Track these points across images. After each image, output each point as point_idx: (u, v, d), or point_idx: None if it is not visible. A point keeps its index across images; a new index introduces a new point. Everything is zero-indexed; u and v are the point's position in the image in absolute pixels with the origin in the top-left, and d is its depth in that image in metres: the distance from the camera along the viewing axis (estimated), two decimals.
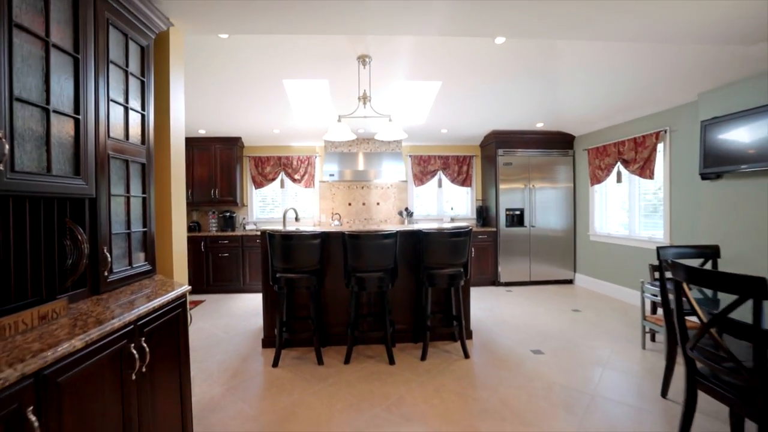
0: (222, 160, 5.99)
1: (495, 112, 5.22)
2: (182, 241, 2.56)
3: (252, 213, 6.43)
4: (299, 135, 5.94)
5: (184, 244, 2.58)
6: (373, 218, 6.50)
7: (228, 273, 5.75)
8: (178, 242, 2.49)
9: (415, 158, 6.49)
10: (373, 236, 3.06)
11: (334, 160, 5.96)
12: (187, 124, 5.35)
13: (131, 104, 2.01)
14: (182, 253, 2.55)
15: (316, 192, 6.46)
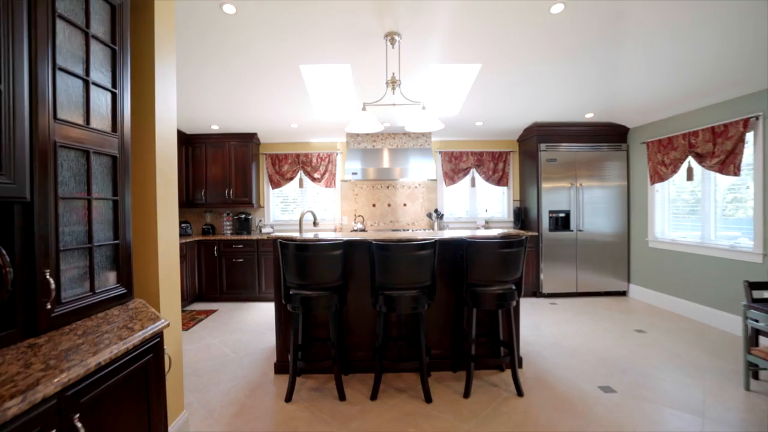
0: (237, 158, 5.56)
1: (538, 101, 4.57)
2: (172, 255, 2.07)
3: (269, 215, 5.99)
4: (319, 130, 5.45)
5: (174, 258, 2.09)
6: (400, 221, 5.95)
7: (242, 280, 5.32)
8: (166, 256, 2.00)
9: (446, 155, 5.89)
10: (407, 247, 2.50)
11: (357, 157, 5.44)
12: (199, 118, 4.93)
13: (95, 78, 1.52)
14: (172, 269, 2.06)
15: (337, 192, 5.95)
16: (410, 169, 5.31)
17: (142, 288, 1.91)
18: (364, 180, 5.78)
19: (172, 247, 2.06)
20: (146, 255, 1.91)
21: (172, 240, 2.06)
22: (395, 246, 2.50)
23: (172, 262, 2.05)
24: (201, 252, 5.31)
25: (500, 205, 6.12)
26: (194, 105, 4.48)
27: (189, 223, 5.66)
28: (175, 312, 2.08)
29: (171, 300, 2.04)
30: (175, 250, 2.10)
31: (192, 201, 5.59)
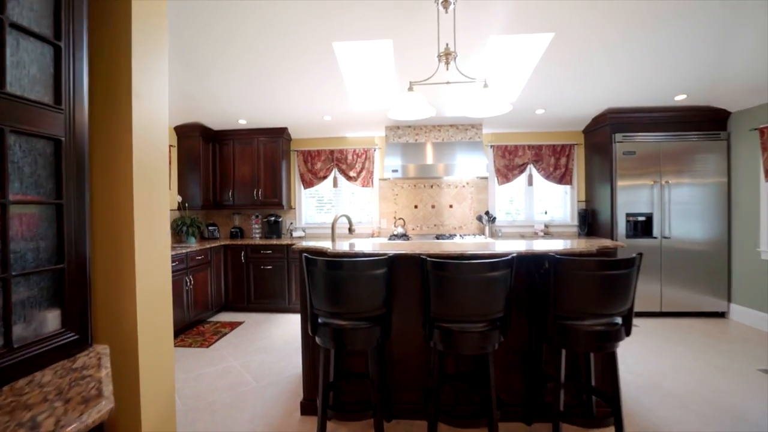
0: (266, 155, 5.10)
1: (617, 81, 3.76)
2: (159, 275, 1.53)
3: (301, 217, 5.50)
4: (355, 123, 4.88)
5: (162, 279, 1.55)
6: (445, 224, 5.27)
7: (271, 289, 4.84)
8: (148, 278, 1.46)
9: (499, 149, 5.15)
10: (475, 267, 1.84)
11: (397, 152, 4.83)
12: (224, 112, 4.50)
13: (16, 16, 0.99)
14: (158, 294, 1.52)
15: (375, 192, 5.36)
16: (457, 165, 4.63)
17: (110, 326, 1.38)
18: (404, 178, 5.16)
19: (158, 265, 1.52)
20: (118, 279, 1.38)
21: (157, 256, 1.52)
22: (459, 266, 1.85)
23: (158, 286, 1.52)
24: (228, 257, 4.89)
25: (562, 207, 5.29)
26: (217, 95, 4.03)
27: (216, 226, 5.28)
28: (165, 356, 1.55)
29: (158, 338, 1.50)
30: (163, 269, 1.57)
31: (219, 202, 5.19)
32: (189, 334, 4.10)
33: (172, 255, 3.84)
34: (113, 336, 1.38)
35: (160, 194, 1.56)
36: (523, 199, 5.31)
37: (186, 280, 4.10)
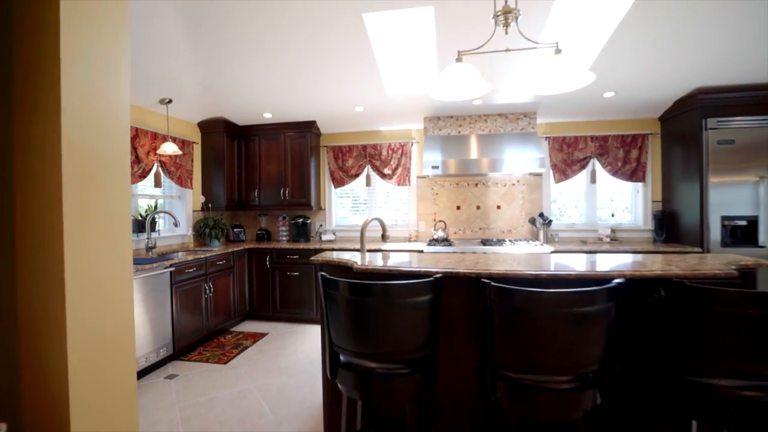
0: (293, 151, 4.70)
1: (713, 52, 3.01)
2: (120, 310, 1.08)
3: (331, 219, 5.05)
4: (390, 113, 4.36)
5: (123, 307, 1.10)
6: (492, 227, 4.64)
7: (297, 297, 4.43)
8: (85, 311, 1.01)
9: (556, 141, 4.46)
10: (563, 299, 1.26)
11: (437, 146, 4.26)
12: (249, 105, 4.12)
13: None
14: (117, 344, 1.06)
15: (413, 191, 4.82)
16: (506, 160, 4.00)
17: (17, 395, 0.93)
18: (445, 176, 4.59)
19: (108, 297, 1.07)
20: (37, 317, 0.94)
21: (109, 282, 1.07)
22: (539, 297, 1.28)
23: (110, 328, 1.07)
24: (252, 262, 4.53)
25: (632, 208, 4.51)
26: (239, 86, 3.64)
27: (242, 228, 4.94)
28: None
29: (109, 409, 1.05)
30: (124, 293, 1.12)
31: (245, 202, 4.85)
32: (208, 346, 3.75)
33: (189, 260, 3.50)
34: (30, 402, 0.93)
35: (112, 195, 1.11)
36: (583, 199, 4.58)
37: (205, 288, 3.76)
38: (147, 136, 3.73)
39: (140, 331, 3.01)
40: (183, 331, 3.46)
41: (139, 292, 3.00)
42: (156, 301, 3.17)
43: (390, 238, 3.56)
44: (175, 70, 3.32)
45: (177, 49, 3.05)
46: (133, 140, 3.56)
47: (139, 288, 3.01)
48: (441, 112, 4.32)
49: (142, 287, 3.03)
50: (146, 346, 3.06)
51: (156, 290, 3.17)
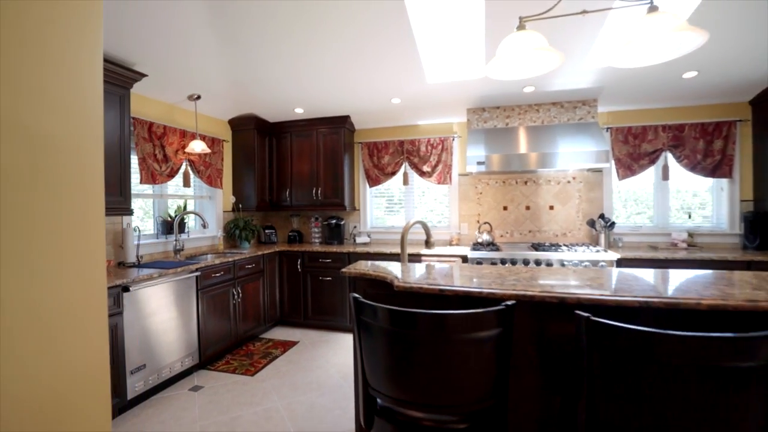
0: (326, 148, 4.43)
1: None
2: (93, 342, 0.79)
3: (365, 220, 4.75)
4: (430, 105, 3.99)
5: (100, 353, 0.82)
6: (544, 230, 4.16)
7: (329, 303, 4.16)
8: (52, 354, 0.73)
9: (620, 132, 3.91)
10: (717, 350, 0.86)
11: (481, 140, 3.85)
12: (279, 99, 3.89)
13: None
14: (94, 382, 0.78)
15: (454, 190, 4.42)
16: (560, 154, 3.52)
17: None
18: (490, 173, 4.16)
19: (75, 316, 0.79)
20: None
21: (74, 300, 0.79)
22: (681, 344, 0.88)
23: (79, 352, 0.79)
24: (283, 265, 4.30)
25: (713, 209, 3.88)
26: (267, 79, 3.40)
27: (274, 229, 4.74)
28: None
29: None
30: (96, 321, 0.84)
31: (277, 202, 4.64)
32: (237, 354, 3.55)
33: (216, 264, 3.30)
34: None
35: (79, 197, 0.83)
36: (651, 198, 4.00)
37: (233, 293, 3.55)
38: (175, 134, 3.58)
39: (165, 339, 2.83)
40: (210, 339, 3.27)
41: (162, 299, 2.82)
42: (181, 308, 2.98)
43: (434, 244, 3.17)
44: (202, 65, 3.13)
45: (203, 42, 2.85)
46: (160, 138, 3.42)
47: (163, 294, 2.83)
48: (486, 103, 3.90)
49: (166, 293, 2.85)
50: (170, 355, 2.88)
51: (181, 296, 2.99)
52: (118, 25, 2.49)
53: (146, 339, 2.68)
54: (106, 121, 2.69)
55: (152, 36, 2.67)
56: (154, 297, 2.75)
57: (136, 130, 3.20)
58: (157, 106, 3.50)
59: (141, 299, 2.64)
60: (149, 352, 2.70)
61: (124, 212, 2.83)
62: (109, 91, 2.71)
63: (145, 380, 2.67)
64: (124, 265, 3.05)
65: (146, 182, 3.27)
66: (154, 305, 2.74)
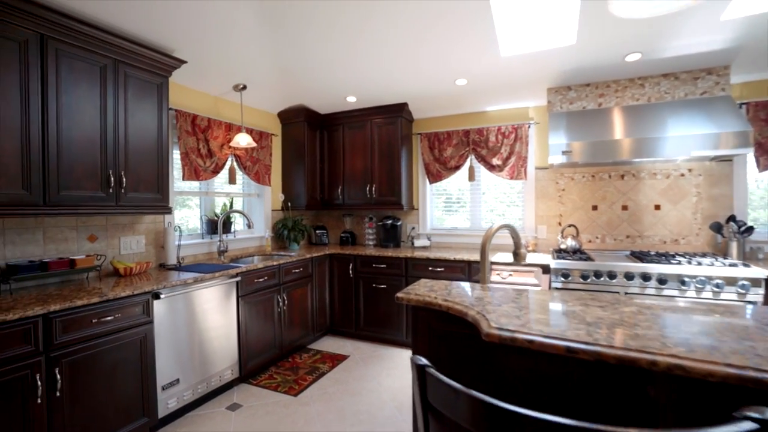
0: (381, 141, 4.00)
1: None
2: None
3: (425, 220, 4.24)
4: (501, 85, 3.38)
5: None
6: (647, 235, 3.35)
7: (384, 314, 3.71)
8: None
9: (759, 108, 3.00)
10: None
11: (564, 125, 3.16)
12: (330, 88, 3.52)
13: None
14: None
15: (530, 186, 3.76)
16: (669, 140, 2.75)
17: None
18: (575, 165, 3.44)
19: None
20: None
21: None
22: None
23: None
24: (334, 269, 3.94)
25: None
26: (316, 66, 3.03)
27: (325, 230, 4.41)
28: None
29: None
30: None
31: (329, 201, 4.30)
32: (282, 366, 3.23)
33: (260, 268, 3.00)
34: None
35: None
36: None
37: (278, 299, 3.24)
38: (220, 127, 3.35)
39: (201, 351, 2.56)
40: (252, 350, 2.98)
41: (198, 306, 2.55)
42: (220, 316, 2.71)
43: (524, 256, 2.51)
44: (246, 50, 2.84)
45: (246, 24, 2.54)
46: (204, 131, 3.20)
47: (200, 301, 2.56)
48: (573, 79, 3.20)
49: (202, 300, 2.58)
50: (207, 368, 2.61)
51: (220, 303, 2.71)
52: (154, 8, 2.24)
53: (180, 351, 2.42)
54: (140, 112, 2.47)
55: (191, 19, 2.40)
56: (189, 305, 2.48)
57: (179, 122, 2.99)
58: (201, 98, 3.29)
59: (174, 307, 2.38)
60: (184, 366, 2.44)
61: (163, 210, 2.61)
62: (145, 79, 2.49)
63: (179, 396, 2.41)
64: (165, 267, 2.84)
65: (189, 179, 3.05)
66: (188, 314, 2.48)
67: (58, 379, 1.77)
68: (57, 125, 2.06)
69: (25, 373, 1.67)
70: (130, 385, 2.11)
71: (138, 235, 2.79)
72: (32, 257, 2.23)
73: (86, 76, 2.19)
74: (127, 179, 2.39)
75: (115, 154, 2.32)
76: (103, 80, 2.26)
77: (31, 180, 1.96)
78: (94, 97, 2.22)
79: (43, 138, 2.00)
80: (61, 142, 2.07)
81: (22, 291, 2.06)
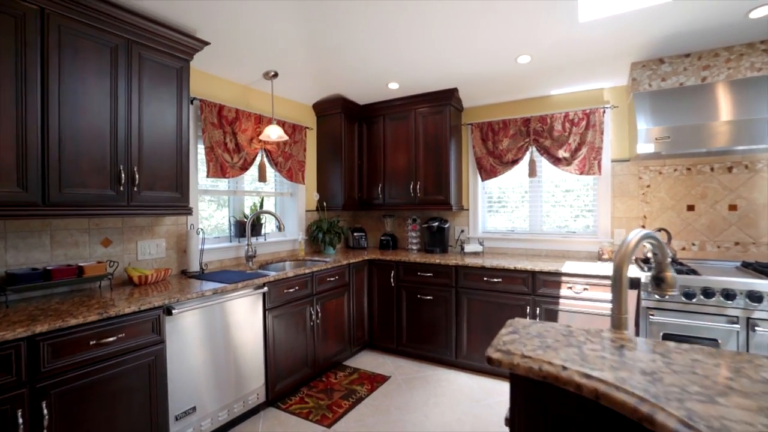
0: (426, 133, 3.54)
1: None
2: None
3: (476, 223, 3.73)
4: (575, 62, 2.82)
5: None
6: (762, 241, 2.67)
7: (430, 329, 3.25)
8: None
9: None
10: None
11: (653, 107, 2.56)
12: (369, 74, 3.11)
13: None
14: None
15: (605, 182, 3.16)
16: None
17: None
18: (659, 157, 2.80)
19: None
20: None
21: None
22: None
23: None
24: (373, 277, 3.53)
25: None
26: (355, 49, 2.63)
27: (364, 232, 4.01)
28: None
29: None
30: None
31: (368, 200, 3.90)
32: (314, 387, 2.87)
33: (290, 277, 2.64)
34: None
35: None
36: None
37: (310, 312, 2.88)
38: (250, 119, 3.04)
39: (221, 373, 2.23)
40: (281, 370, 2.63)
41: (218, 322, 2.22)
42: (243, 333, 2.37)
43: (672, 283, 1.85)
44: (276, 31, 2.49)
45: (279, 5, 2.19)
46: (231, 124, 2.89)
47: (220, 316, 2.23)
48: (667, 49, 2.58)
49: (222, 314, 2.25)
50: (229, 393, 2.27)
51: (243, 317, 2.37)
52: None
53: (197, 374, 2.10)
54: (157, 100, 2.18)
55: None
56: (208, 320, 2.16)
57: (204, 114, 2.70)
58: (228, 87, 2.99)
59: (190, 323, 2.06)
60: (201, 391, 2.11)
61: (182, 211, 2.31)
62: (163, 62, 2.20)
63: (196, 427, 2.08)
64: (186, 274, 2.55)
65: (214, 176, 2.76)
66: (207, 330, 2.15)
67: (44, 414, 1.47)
68: (59, 113, 1.78)
69: (4, 409, 1.38)
70: (136, 416, 1.80)
71: (158, 238, 2.52)
72: (38, 264, 1.98)
73: (94, 57, 1.91)
74: (141, 176, 2.10)
75: (127, 147, 2.04)
76: (114, 62, 1.98)
77: (28, 176, 1.69)
78: (103, 82, 1.94)
79: (43, 128, 1.74)
80: (63, 133, 1.80)
81: (22, 303, 1.80)
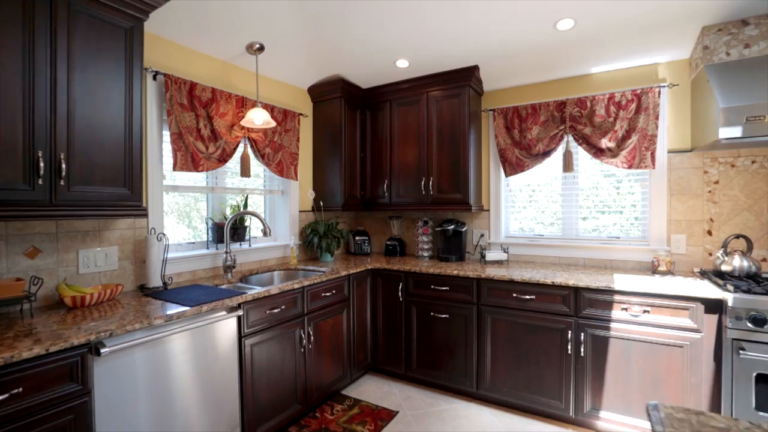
0: (441, 119, 3.01)
1: None
2: None
3: (499, 226, 3.19)
4: (628, 27, 2.27)
5: None
6: None
7: (446, 354, 2.72)
8: None
9: None
10: None
11: (732, 80, 2.00)
12: (374, 49, 2.58)
13: None
14: None
15: (659, 178, 2.61)
16: None
17: None
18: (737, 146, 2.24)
19: None
20: None
21: None
22: None
23: None
24: (377, 289, 3.01)
25: None
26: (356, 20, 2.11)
27: (367, 236, 3.49)
28: None
29: None
30: None
31: (371, 200, 3.38)
32: (307, 427, 2.35)
33: (273, 294, 2.13)
34: None
35: None
36: None
37: (300, 335, 2.36)
38: (230, 101, 2.52)
39: (178, 425, 1.72)
40: (262, 409, 2.11)
41: (173, 359, 1.71)
42: (210, 368, 1.86)
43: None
44: None
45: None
46: (206, 106, 2.38)
47: (176, 350, 1.72)
48: (753, 7, 2.02)
49: (178, 349, 1.74)
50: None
51: (211, 348, 1.86)
52: None
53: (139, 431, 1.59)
54: (96, 68, 1.67)
55: None
56: (157, 357, 1.65)
57: (169, 92, 2.19)
58: (203, 61, 2.48)
59: (129, 364, 1.55)
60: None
61: (132, 212, 1.80)
62: (103, 17, 1.69)
63: None
64: (144, 290, 2.05)
65: (183, 168, 2.25)
66: (156, 371, 1.64)
67: None
68: None
69: None
70: None
71: (107, 246, 2.02)
72: None
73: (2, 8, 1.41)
74: (72, 166, 1.59)
75: (50, 127, 1.53)
76: (29, 10, 1.48)
77: None
78: (14, 40, 1.44)
79: None
80: None
81: None
